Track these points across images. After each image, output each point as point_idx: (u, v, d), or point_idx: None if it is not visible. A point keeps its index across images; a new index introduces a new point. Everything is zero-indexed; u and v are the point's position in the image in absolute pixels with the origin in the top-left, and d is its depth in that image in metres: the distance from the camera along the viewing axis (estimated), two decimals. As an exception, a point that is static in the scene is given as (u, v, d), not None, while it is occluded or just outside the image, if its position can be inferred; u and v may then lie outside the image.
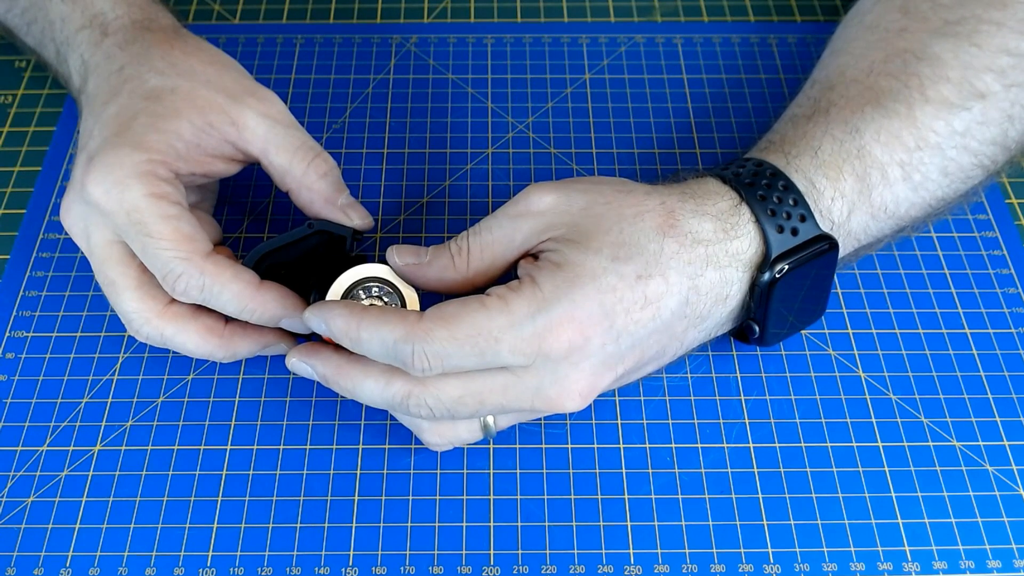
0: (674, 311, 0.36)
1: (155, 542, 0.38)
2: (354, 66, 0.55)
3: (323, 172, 0.41)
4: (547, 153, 0.51)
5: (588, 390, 0.35)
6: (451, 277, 0.38)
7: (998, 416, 0.41)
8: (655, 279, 0.35)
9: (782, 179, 0.38)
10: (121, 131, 0.38)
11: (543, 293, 0.34)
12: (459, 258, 0.38)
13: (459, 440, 0.38)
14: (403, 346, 0.34)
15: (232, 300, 0.38)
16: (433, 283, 0.39)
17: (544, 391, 0.35)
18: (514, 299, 0.34)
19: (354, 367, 0.37)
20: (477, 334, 0.33)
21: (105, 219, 0.38)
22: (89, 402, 0.42)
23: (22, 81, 0.55)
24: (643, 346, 0.36)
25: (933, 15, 0.42)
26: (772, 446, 0.41)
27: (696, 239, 0.36)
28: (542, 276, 0.34)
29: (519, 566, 0.38)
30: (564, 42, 0.56)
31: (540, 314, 0.34)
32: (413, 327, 0.34)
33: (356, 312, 0.35)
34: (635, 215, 0.36)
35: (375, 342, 0.35)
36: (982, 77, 0.40)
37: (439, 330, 0.34)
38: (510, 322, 0.33)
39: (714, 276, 0.36)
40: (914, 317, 0.44)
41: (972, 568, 0.38)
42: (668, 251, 0.35)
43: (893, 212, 0.40)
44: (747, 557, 0.38)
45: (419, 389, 0.35)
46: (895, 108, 0.40)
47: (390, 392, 0.36)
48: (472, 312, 0.34)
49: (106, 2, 0.44)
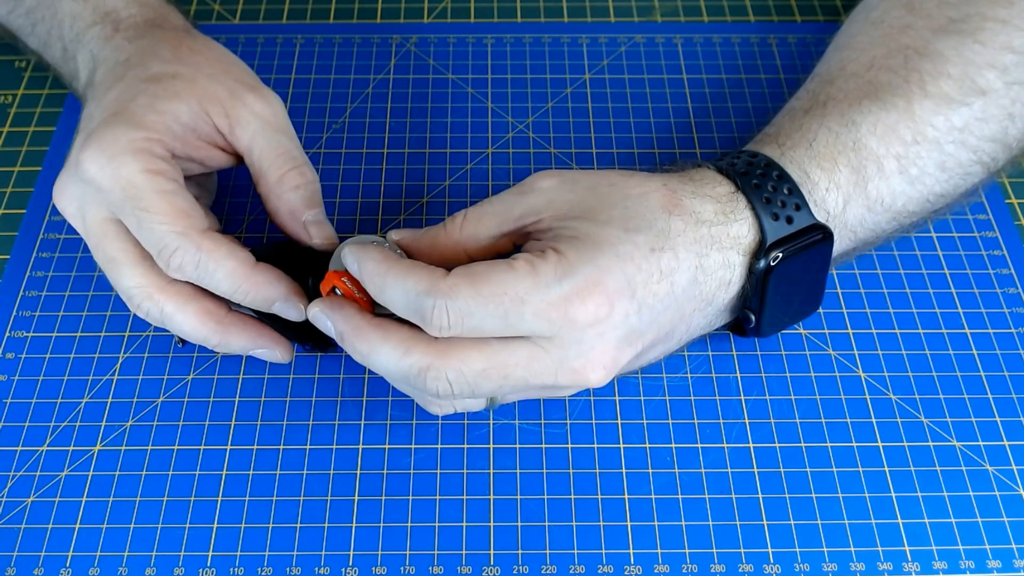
0: (685, 288, 0.36)
1: (155, 542, 0.38)
2: (354, 66, 0.55)
3: (295, 184, 0.41)
4: (547, 153, 0.51)
5: (612, 363, 0.35)
6: (443, 243, 0.38)
7: (998, 416, 0.41)
8: (667, 252, 0.35)
9: (776, 169, 0.38)
10: (120, 111, 0.38)
11: (569, 260, 0.33)
12: (452, 224, 0.37)
13: (463, 407, 0.38)
14: (425, 299, 0.33)
15: (226, 278, 0.37)
16: (426, 251, 0.38)
17: (569, 362, 0.34)
18: (541, 264, 0.33)
19: (374, 330, 0.35)
20: (503, 293, 0.33)
21: (100, 196, 0.37)
22: (89, 402, 0.42)
23: (22, 81, 0.55)
24: (659, 322, 0.36)
25: (938, 12, 0.42)
26: (772, 446, 0.41)
27: (699, 219, 0.36)
28: (564, 245, 0.34)
29: (519, 566, 0.38)
30: (564, 42, 0.56)
31: (567, 278, 0.33)
32: (438, 281, 0.33)
33: (388, 258, 0.35)
34: (640, 194, 0.36)
35: (398, 291, 0.34)
36: (984, 74, 0.40)
37: (464, 287, 0.33)
38: (536, 284, 0.33)
39: (718, 257, 0.36)
40: (914, 317, 0.44)
41: (972, 568, 0.38)
42: (675, 228, 0.36)
43: (890, 205, 0.40)
44: (747, 557, 0.38)
45: (440, 362, 0.34)
46: (893, 102, 0.40)
47: (407, 362, 0.34)
48: (499, 272, 0.33)
49: (119, 0, 0.44)
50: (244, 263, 0.38)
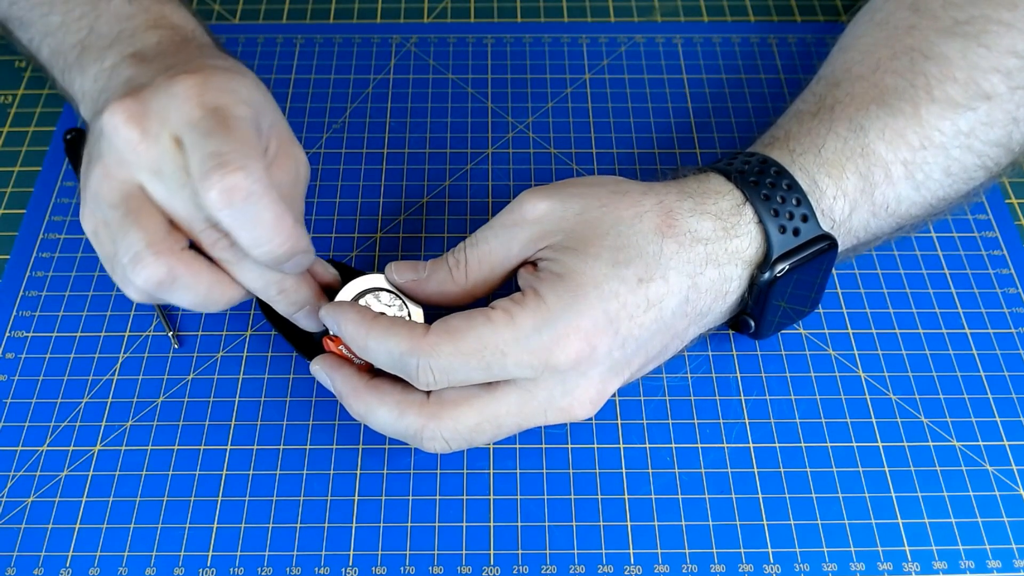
0: (675, 311, 0.36)
1: (155, 542, 0.38)
2: (354, 66, 0.55)
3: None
4: (547, 153, 0.51)
5: (598, 397, 0.36)
6: (451, 290, 0.38)
7: (998, 416, 0.41)
8: (656, 281, 0.35)
9: (786, 178, 0.38)
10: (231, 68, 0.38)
11: (547, 304, 0.34)
12: (457, 271, 0.37)
13: None
14: (408, 359, 0.34)
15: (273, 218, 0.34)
16: (434, 297, 0.38)
17: (555, 402, 0.35)
18: (519, 312, 0.34)
19: (370, 393, 0.36)
20: (483, 348, 0.33)
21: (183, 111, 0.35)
22: (89, 402, 0.42)
23: (22, 81, 0.55)
24: (647, 348, 0.36)
25: (943, 13, 0.42)
26: (772, 446, 0.41)
27: (695, 238, 0.36)
28: (545, 287, 0.34)
29: (519, 566, 0.38)
30: (564, 42, 0.56)
31: (546, 327, 0.33)
32: (419, 341, 0.34)
33: (367, 320, 0.35)
34: (633, 216, 0.36)
35: (381, 352, 0.35)
36: (989, 78, 0.40)
37: (445, 344, 0.33)
38: (516, 336, 0.33)
39: (714, 274, 0.36)
40: (914, 317, 0.44)
41: (972, 568, 0.38)
42: (668, 251, 0.35)
43: (894, 211, 0.40)
44: (747, 557, 0.38)
45: (434, 423, 0.35)
46: (900, 107, 0.40)
47: (403, 423, 0.35)
48: (478, 326, 0.34)
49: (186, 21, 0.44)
50: (288, 212, 0.35)
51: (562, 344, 0.33)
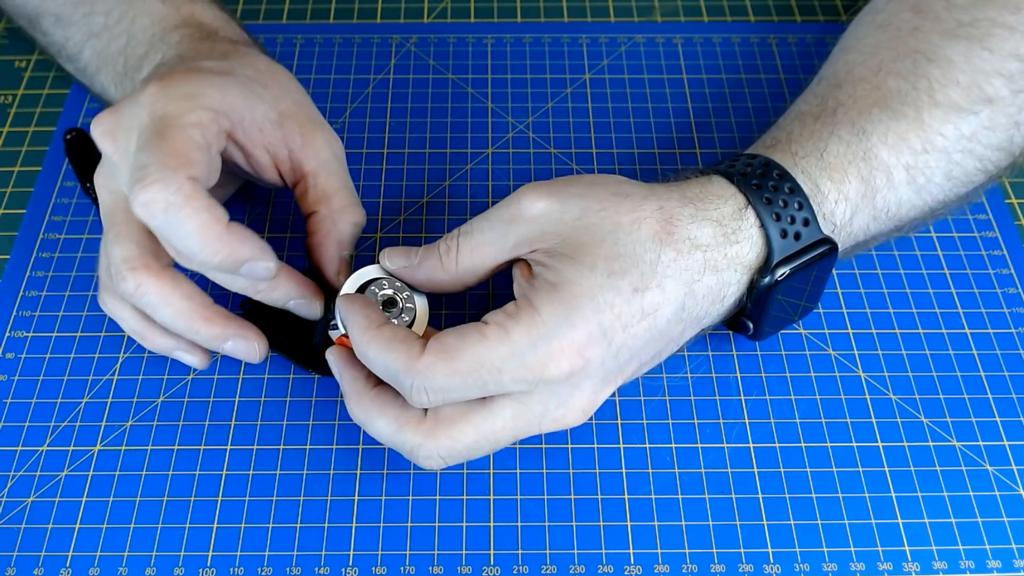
0: (670, 319, 0.36)
1: (155, 542, 0.38)
2: (354, 66, 0.55)
3: (355, 220, 0.41)
4: (547, 153, 0.51)
5: (590, 406, 0.36)
6: (439, 278, 0.38)
7: (998, 416, 0.41)
8: (652, 290, 0.35)
9: (789, 181, 0.37)
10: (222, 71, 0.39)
11: (542, 317, 0.34)
12: (447, 258, 0.37)
13: None
14: (403, 379, 0.34)
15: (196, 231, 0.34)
16: (424, 284, 0.38)
17: (550, 413, 0.35)
18: (514, 327, 0.34)
19: (372, 402, 0.36)
20: (479, 368, 0.33)
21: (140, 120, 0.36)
22: (89, 402, 0.42)
23: (22, 81, 0.55)
24: (640, 355, 0.36)
25: (946, 15, 0.41)
26: (772, 446, 0.41)
27: (695, 244, 0.36)
28: (539, 299, 0.34)
29: (519, 566, 0.38)
30: (564, 42, 0.56)
31: (541, 341, 0.33)
32: (414, 362, 0.34)
33: (370, 328, 0.35)
34: (631, 223, 0.35)
35: (379, 365, 0.35)
36: (991, 81, 0.40)
37: (440, 365, 0.33)
38: (512, 352, 0.33)
39: (711, 280, 0.36)
40: (914, 317, 0.45)
41: (972, 568, 0.38)
42: (665, 259, 0.35)
43: (895, 214, 0.40)
44: (747, 557, 0.38)
45: (430, 442, 0.35)
46: (903, 110, 0.39)
47: (400, 438, 0.36)
48: (472, 345, 0.33)
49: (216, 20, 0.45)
50: (219, 220, 0.35)
51: (556, 358, 0.33)
